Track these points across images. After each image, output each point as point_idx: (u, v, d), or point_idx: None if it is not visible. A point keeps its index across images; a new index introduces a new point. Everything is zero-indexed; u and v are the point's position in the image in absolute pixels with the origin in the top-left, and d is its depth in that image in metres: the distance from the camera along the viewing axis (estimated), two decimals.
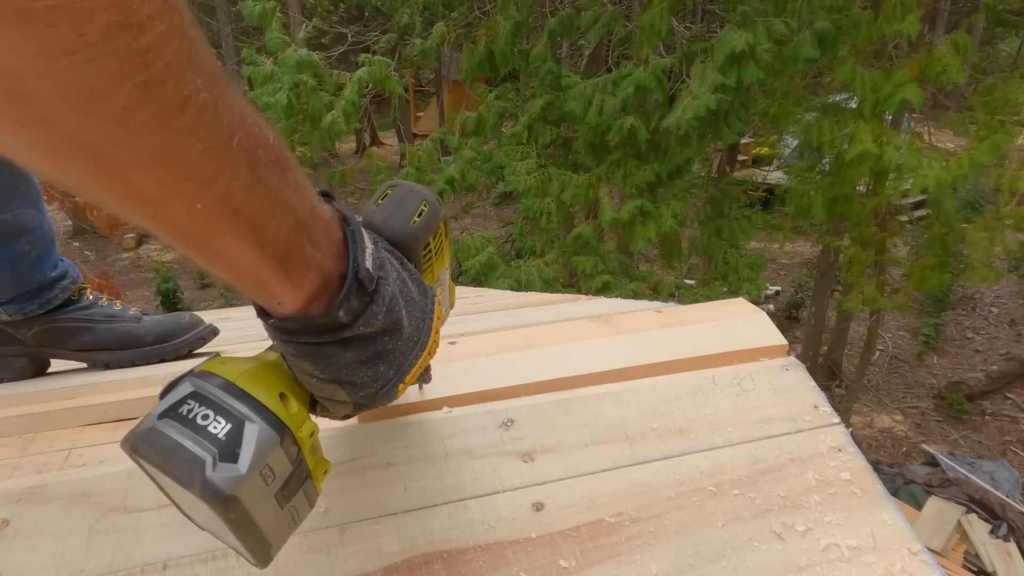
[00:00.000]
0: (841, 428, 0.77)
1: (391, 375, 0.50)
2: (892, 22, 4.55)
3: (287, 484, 0.46)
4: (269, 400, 0.45)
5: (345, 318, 0.44)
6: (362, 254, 0.45)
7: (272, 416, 0.44)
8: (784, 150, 7.70)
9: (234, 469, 0.41)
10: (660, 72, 5.07)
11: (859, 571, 0.64)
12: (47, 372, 1.20)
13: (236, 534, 0.44)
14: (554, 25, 5.58)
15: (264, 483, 0.44)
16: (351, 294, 0.44)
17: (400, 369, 0.50)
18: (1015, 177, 4.85)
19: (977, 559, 4.56)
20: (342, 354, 0.47)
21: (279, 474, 0.45)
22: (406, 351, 0.50)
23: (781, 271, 11.54)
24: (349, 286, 0.44)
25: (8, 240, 1.06)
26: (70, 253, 7.42)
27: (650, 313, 0.94)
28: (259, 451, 0.43)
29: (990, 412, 7.94)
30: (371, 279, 0.45)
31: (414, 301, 0.51)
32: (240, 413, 0.43)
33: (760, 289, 5.97)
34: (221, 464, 0.41)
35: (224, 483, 0.41)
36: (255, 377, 0.46)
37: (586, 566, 0.63)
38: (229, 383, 0.45)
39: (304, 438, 0.47)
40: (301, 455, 0.47)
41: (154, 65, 0.28)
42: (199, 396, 0.44)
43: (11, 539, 0.60)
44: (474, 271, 5.46)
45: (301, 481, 0.48)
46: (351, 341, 0.46)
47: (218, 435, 0.42)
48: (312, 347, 0.46)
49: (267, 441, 0.43)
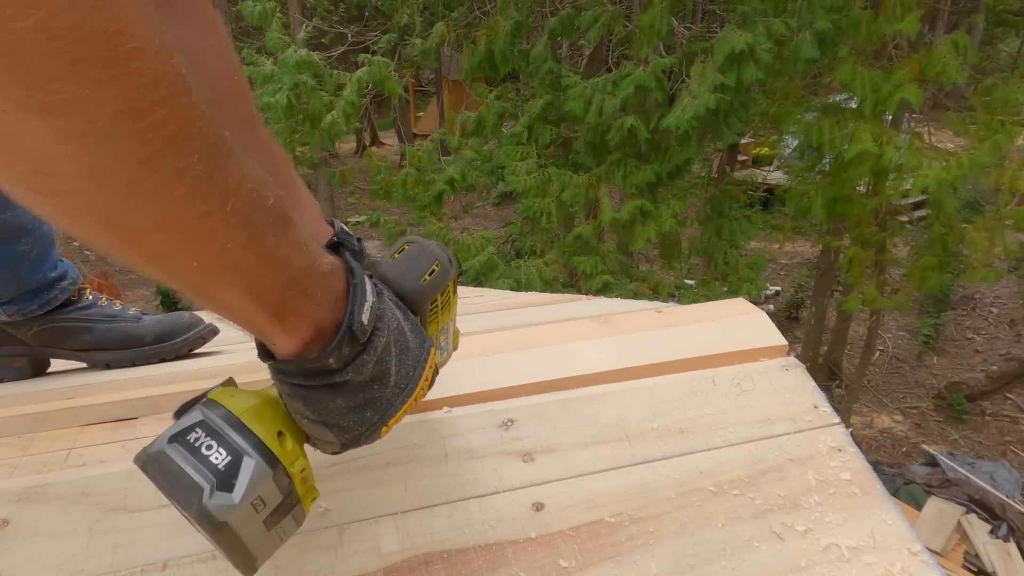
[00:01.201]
0: (841, 428, 0.77)
1: (376, 419, 0.53)
2: (892, 22, 4.55)
3: (276, 511, 0.50)
4: (267, 437, 0.49)
5: (335, 364, 0.48)
6: (360, 307, 0.48)
7: (268, 452, 0.49)
8: (784, 150, 7.70)
9: (228, 498, 0.46)
10: (660, 72, 5.07)
11: (859, 571, 0.64)
12: (47, 372, 1.19)
13: (224, 552, 0.48)
14: (554, 25, 5.58)
15: (255, 511, 0.48)
16: (343, 343, 0.47)
17: (385, 414, 0.53)
18: (1015, 177, 4.85)
19: (977, 559, 4.56)
20: (332, 399, 0.50)
21: (269, 503, 0.49)
22: (392, 398, 0.53)
23: (781, 271, 11.54)
24: (342, 336, 0.47)
25: (8, 240, 1.06)
26: (70, 253, 7.42)
27: (650, 313, 0.94)
28: (252, 483, 0.47)
29: (990, 412, 7.94)
30: (364, 332, 0.48)
31: (409, 350, 0.55)
32: (240, 447, 0.48)
33: (760, 289, 5.97)
34: (217, 493, 0.46)
35: (217, 511, 0.45)
36: (258, 414, 0.50)
37: (586, 566, 0.63)
38: (234, 417, 0.49)
39: (296, 473, 0.51)
40: (292, 486, 0.51)
41: (154, 144, 0.32)
42: (207, 426, 0.48)
43: (11, 539, 0.60)
44: (474, 271, 5.46)
45: (290, 508, 0.52)
46: (340, 387, 0.50)
47: (218, 465, 0.47)
48: (304, 390, 0.49)
49: (261, 475, 0.48)
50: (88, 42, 0.28)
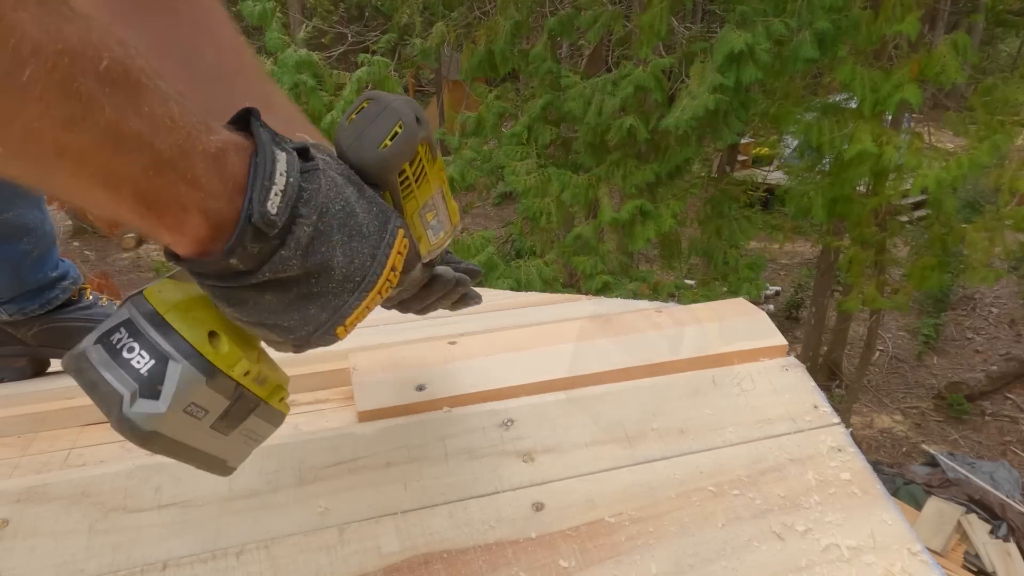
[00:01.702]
0: (841, 428, 0.77)
1: (324, 318, 0.45)
2: (892, 22, 4.55)
3: (226, 415, 0.46)
4: (196, 339, 0.43)
5: (243, 265, 0.40)
6: (263, 193, 0.40)
7: (198, 356, 0.43)
8: (784, 150, 7.70)
9: (154, 406, 0.41)
10: (659, 72, 5.07)
11: (859, 571, 0.64)
12: (47, 372, 1.19)
13: (173, 458, 0.45)
14: (554, 25, 5.58)
15: (193, 418, 0.44)
16: (246, 239, 0.39)
17: (337, 312, 0.46)
18: (1015, 177, 4.85)
19: (977, 559, 4.56)
20: (259, 297, 0.43)
21: (213, 409, 0.45)
22: (342, 292, 0.45)
23: (781, 271, 11.54)
24: (241, 231, 0.39)
25: (10, 239, 1.06)
26: (70, 253, 7.42)
27: (650, 313, 0.94)
28: (181, 390, 0.42)
29: (990, 412, 7.94)
30: (272, 223, 0.40)
31: (362, 236, 0.45)
32: (164, 351, 0.42)
33: (760, 289, 5.97)
34: (141, 400, 0.41)
35: (141, 419, 0.41)
36: (186, 312, 0.44)
37: (586, 566, 0.63)
38: (159, 316, 0.43)
39: (239, 376, 0.46)
40: (241, 389, 0.46)
41: None
42: (131, 326, 0.43)
43: (11, 539, 0.60)
44: None
45: (248, 410, 0.47)
46: (266, 286, 0.43)
47: (140, 370, 0.42)
48: (225, 291, 0.43)
49: (190, 381, 0.43)
50: None
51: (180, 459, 0.45)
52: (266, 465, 0.67)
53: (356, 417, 0.76)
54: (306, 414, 0.81)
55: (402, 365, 0.81)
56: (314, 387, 0.89)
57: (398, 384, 0.78)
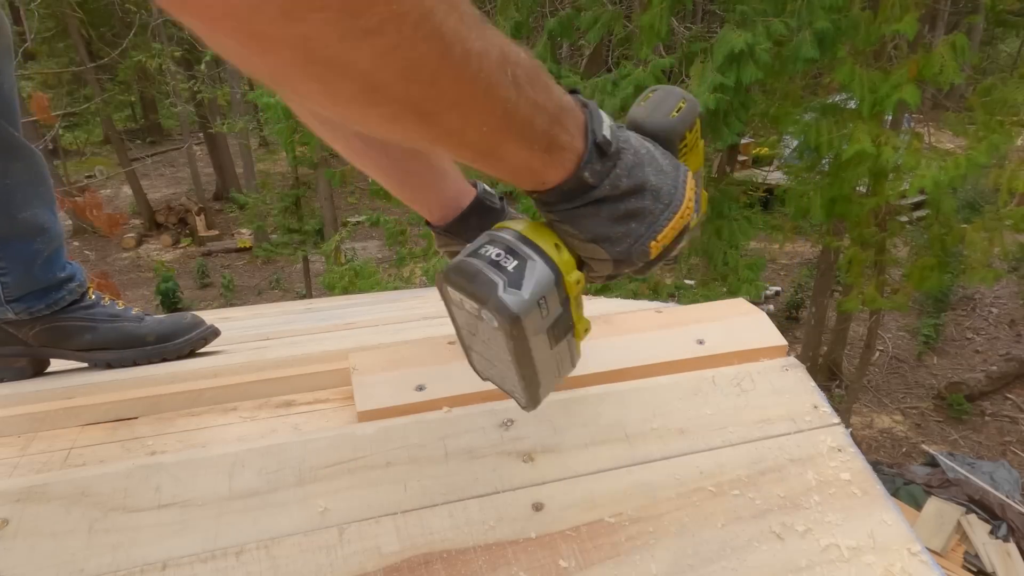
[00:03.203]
0: (841, 428, 0.77)
1: (642, 231, 0.57)
2: (891, 22, 4.55)
3: (556, 324, 0.57)
4: (547, 247, 0.57)
5: (591, 179, 0.54)
6: (599, 126, 0.54)
7: (549, 259, 0.56)
8: (784, 150, 7.70)
9: (518, 295, 0.54)
10: (659, 72, 5.07)
11: (859, 571, 0.64)
12: (47, 372, 1.20)
13: (515, 359, 0.56)
14: (554, 25, 5.58)
15: (540, 314, 0.55)
16: (593, 158, 0.53)
17: (652, 227, 0.57)
18: (1013, 177, 4.85)
19: (977, 559, 4.56)
20: (596, 214, 0.56)
21: (551, 310, 0.57)
22: (656, 211, 0.57)
23: (781, 271, 11.54)
24: (590, 151, 0.53)
25: (26, 238, 1.07)
26: (70, 253, 7.42)
27: (650, 313, 0.94)
28: (538, 284, 0.55)
29: (990, 412, 7.94)
30: (608, 143, 0.54)
31: (664, 172, 0.58)
32: (525, 254, 0.56)
33: (759, 290, 5.97)
34: (510, 289, 0.54)
35: (511, 302, 0.53)
36: (536, 230, 0.58)
37: (586, 566, 0.63)
38: (519, 233, 0.57)
39: (572, 284, 0.58)
40: (568, 301, 0.58)
41: (446, 36, 0.39)
42: (495, 241, 0.57)
43: (11, 539, 0.60)
44: None
45: (567, 328, 0.59)
46: (602, 202, 0.55)
47: (508, 268, 0.55)
48: (570, 211, 0.56)
49: (544, 277, 0.55)
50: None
51: (517, 360, 0.56)
52: (266, 465, 0.67)
53: (356, 417, 0.76)
54: (306, 414, 0.81)
55: (402, 365, 0.81)
56: (314, 387, 0.89)
57: (398, 384, 0.78)
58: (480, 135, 0.46)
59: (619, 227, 0.56)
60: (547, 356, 0.58)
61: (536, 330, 0.56)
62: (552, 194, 0.55)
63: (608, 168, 0.55)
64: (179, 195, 16.38)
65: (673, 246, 0.61)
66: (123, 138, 16.88)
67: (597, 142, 0.53)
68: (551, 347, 0.58)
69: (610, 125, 0.55)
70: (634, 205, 0.56)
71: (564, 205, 0.56)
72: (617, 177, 0.55)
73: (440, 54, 0.40)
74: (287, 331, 1.47)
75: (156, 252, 14.16)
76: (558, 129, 0.51)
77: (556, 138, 0.51)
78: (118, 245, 14.16)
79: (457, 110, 0.44)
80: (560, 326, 0.58)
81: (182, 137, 16.70)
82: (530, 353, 0.56)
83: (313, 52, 0.36)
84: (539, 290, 0.55)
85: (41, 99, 6.74)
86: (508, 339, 0.54)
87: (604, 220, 0.56)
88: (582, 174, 0.53)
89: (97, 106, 12.78)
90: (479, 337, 0.60)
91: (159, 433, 0.79)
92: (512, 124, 0.47)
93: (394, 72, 0.39)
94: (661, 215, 0.57)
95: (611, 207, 0.56)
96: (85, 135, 19.52)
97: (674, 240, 0.60)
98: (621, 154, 0.55)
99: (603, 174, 0.54)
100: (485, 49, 0.42)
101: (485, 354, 0.62)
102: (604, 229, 0.56)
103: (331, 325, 1.57)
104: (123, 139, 16.74)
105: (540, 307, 0.55)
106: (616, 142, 0.55)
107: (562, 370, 0.61)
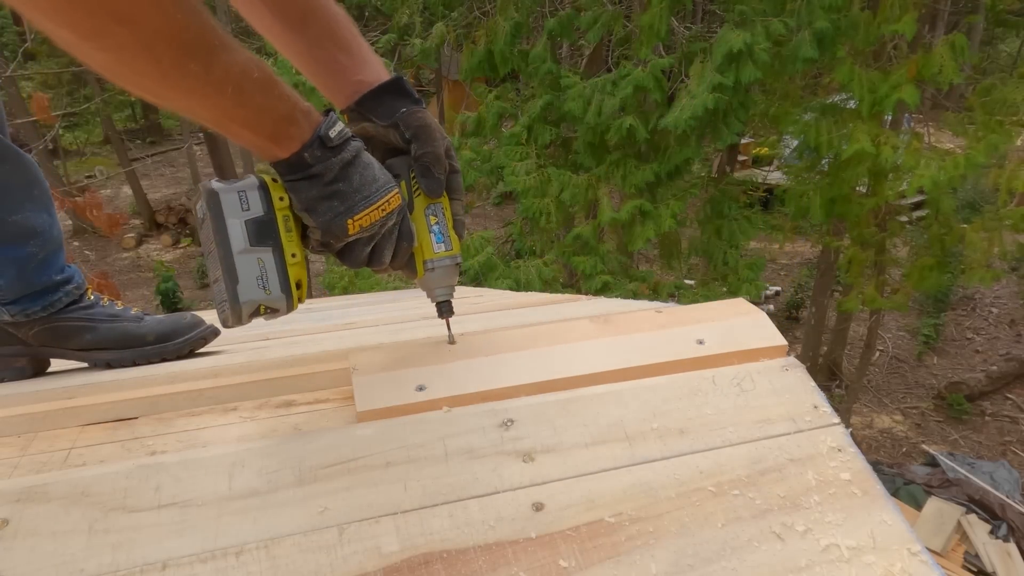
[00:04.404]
0: (841, 428, 0.77)
1: (341, 209, 0.72)
2: (890, 22, 4.55)
3: (258, 223, 0.72)
4: (267, 180, 0.73)
5: (310, 159, 0.70)
6: (329, 128, 0.71)
7: (260, 178, 0.73)
8: (784, 150, 7.71)
9: (223, 182, 0.71)
10: (659, 72, 5.07)
11: (859, 571, 0.64)
12: (47, 372, 1.20)
13: (216, 241, 0.70)
14: (553, 25, 5.58)
15: (240, 203, 0.71)
16: (315, 146, 0.70)
17: (350, 209, 0.72)
18: (1012, 177, 4.85)
19: (977, 559, 4.57)
20: (309, 188, 0.72)
21: (252, 207, 0.72)
22: (356, 197, 0.73)
23: (781, 271, 11.54)
24: (313, 140, 0.70)
25: (18, 241, 1.07)
26: (70, 253, 7.41)
27: (650, 313, 0.94)
28: (241, 183, 0.72)
29: (990, 412, 7.95)
30: (330, 141, 0.71)
31: (374, 178, 0.74)
32: (258, 180, 0.73)
33: (759, 290, 5.97)
34: (220, 183, 0.71)
35: (214, 183, 0.71)
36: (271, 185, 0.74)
37: (586, 566, 0.63)
38: (257, 175, 0.74)
39: (277, 199, 0.73)
40: (273, 214, 0.73)
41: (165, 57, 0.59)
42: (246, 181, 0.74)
43: (11, 539, 0.60)
44: (473, 271, 5.45)
45: (270, 235, 0.73)
46: (315, 179, 0.71)
47: (236, 181, 0.73)
48: (293, 182, 0.72)
49: (250, 181, 0.73)
50: None
51: (218, 251, 0.71)
52: (266, 465, 0.67)
53: (356, 417, 0.76)
54: (306, 414, 0.81)
55: (402, 365, 0.81)
56: (314, 387, 0.89)
57: (398, 384, 0.78)
58: (208, 121, 0.65)
59: (325, 202, 0.72)
60: (247, 255, 0.71)
61: (232, 213, 0.70)
62: (281, 165, 0.71)
63: (326, 156, 0.71)
64: (179, 195, 16.38)
65: (374, 237, 0.76)
66: (123, 138, 16.87)
67: (320, 136, 0.70)
68: (249, 243, 0.71)
69: (341, 131, 0.71)
70: (339, 188, 0.72)
71: (289, 175, 0.71)
72: (332, 164, 0.71)
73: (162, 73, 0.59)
74: (287, 331, 1.47)
75: (156, 252, 14.17)
76: (286, 125, 0.69)
77: (283, 131, 0.69)
78: (118, 245, 14.16)
79: (184, 103, 0.63)
80: (262, 229, 0.72)
81: (182, 137, 16.70)
82: (228, 240, 0.70)
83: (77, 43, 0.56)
84: (241, 185, 0.71)
85: (41, 99, 6.74)
86: (210, 218, 0.70)
87: (315, 195, 0.71)
88: (303, 154, 0.70)
89: (97, 106, 12.78)
90: (206, 251, 0.73)
91: (159, 433, 0.79)
92: (234, 119, 0.66)
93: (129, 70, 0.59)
94: (358, 201, 0.72)
95: (321, 186, 0.71)
96: (85, 135, 19.52)
97: (372, 228, 0.74)
98: (341, 151, 0.72)
99: (321, 159, 0.70)
100: (207, 68, 0.60)
101: (209, 266, 0.74)
102: (314, 202, 0.72)
103: (331, 325, 1.57)
104: (123, 139, 16.73)
105: (240, 197, 0.71)
106: (340, 143, 0.71)
107: (269, 286, 0.72)
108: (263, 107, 0.66)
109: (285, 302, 0.74)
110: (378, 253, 0.78)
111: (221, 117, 0.65)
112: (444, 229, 0.84)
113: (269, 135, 0.69)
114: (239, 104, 0.64)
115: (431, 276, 0.85)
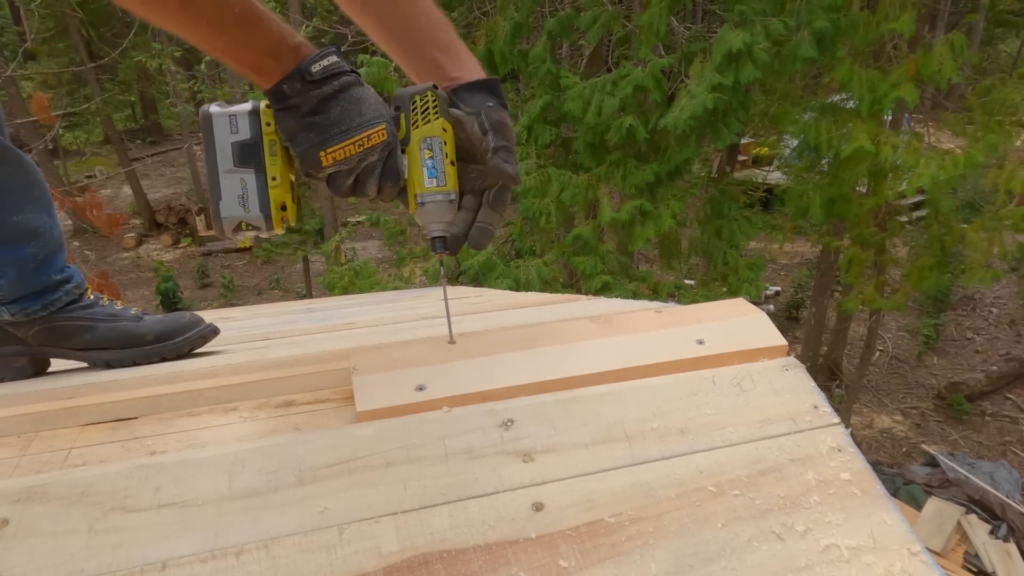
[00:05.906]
0: (841, 428, 0.77)
1: (316, 141, 0.75)
2: (889, 21, 4.55)
3: (244, 146, 0.77)
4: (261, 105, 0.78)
5: (288, 91, 0.74)
6: (315, 63, 0.73)
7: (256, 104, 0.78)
8: (784, 150, 7.70)
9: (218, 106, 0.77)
10: (658, 72, 5.06)
11: (859, 571, 0.64)
12: (47, 372, 1.20)
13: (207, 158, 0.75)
14: (553, 26, 5.58)
15: (229, 125, 0.77)
16: (295, 79, 0.74)
17: (324, 141, 0.75)
18: (1012, 177, 4.85)
19: (977, 559, 4.56)
20: (288, 119, 0.75)
21: (241, 130, 0.77)
22: (333, 131, 0.75)
23: (781, 271, 11.55)
24: (293, 73, 0.73)
25: (18, 242, 1.07)
26: (70, 253, 7.41)
27: (650, 313, 0.94)
28: (235, 108, 0.77)
29: (990, 412, 7.95)
30: (311, 75, 0.73)
31: (360, 112, 0.76)
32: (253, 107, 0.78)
33: (760, 290, 5.97)
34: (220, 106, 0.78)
35: (210, 107, 0.77)
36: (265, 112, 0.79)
37: (586, 566, 0.63)
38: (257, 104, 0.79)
39: (265, 124, 0.77)
40: (260, 138, 0.77)
41: None
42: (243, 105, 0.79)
43: (11, 539, 0.60)
44: (473, 271, 5.45)
45: (254, 158, 0.77)
46: (292, 110, 0.75)
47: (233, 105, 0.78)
48: (277, 112, 0.76)
49: (243, 107, 0.77)
50: None
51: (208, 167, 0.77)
52: (266, 465, 0.67)
53: (356, 417, 0.76)
54: (306, 414, 0.81)
55: (402, 365, 0.81)
56: (314, 387, 0.89)
57: (398, 384, 0.78)
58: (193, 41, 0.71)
59: (302, 133, 0.75)
60: (231, 175, 0.76)
61: (222, 135, 0.76)
62: (268, 94, 0.75)
63: (306, 89, 0.74)
64: (179, 195, 16.38)
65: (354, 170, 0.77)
66: (123, 138, 16.87)
67: (301, 69, 0.73)
68: (234, 164, 0.76)
69: (328, 66, 0.74)
70: (314, 121, 0.75)
71: (275, 104, 0.76)
72: (310, 97, 0.74)
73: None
74: (287, 331, 1.47)
75: (156, 252, 14.17)
76: (268, 59, 0.73)
77: (264, 63, 0.73)
78: (118, 245, 14.16)
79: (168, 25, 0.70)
80: (247, 152, 0.77)
81: (182, 137, 16.70)
82: (216, 160, 0.76)
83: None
84: (234, 110, 0.77)
85: (41, 99, 6.74)
86: (204, 135, 0.76)
87: (293, 125, 0.75)
88: (282, 86, 0.74)
89: (97, 106, 12.78)
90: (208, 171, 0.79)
91: (159, 433, 0.79)
92: (215, 47, 0.72)
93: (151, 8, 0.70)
94: (334, 134, 0.75)
95: (299, 117, 0.75)
96: (85, 135, 19.52)
97: (350, 162, 0.76)
98: (321, 85, 0.74)
99: (301, 92, 0.74)
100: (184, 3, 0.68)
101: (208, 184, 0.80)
102: (292, 131, 0.75)
103: (331, 325, 1.57)
104: (123, 139, 16.73)
105: (231, 121, 0.76)
106: (324, 77, 0.74)
107: (249, 204, 0.77)
108: (242, 40, 0.71)
109: (264, 221, 0.79)
110: (360, 186, 0.80)
111: (204, 45, 0.71)
112: (439, 164, 0.83)
113: (250, 66, 0.73)
114: (217, 35, 0.70)
115: (422, 211, 0.84)
